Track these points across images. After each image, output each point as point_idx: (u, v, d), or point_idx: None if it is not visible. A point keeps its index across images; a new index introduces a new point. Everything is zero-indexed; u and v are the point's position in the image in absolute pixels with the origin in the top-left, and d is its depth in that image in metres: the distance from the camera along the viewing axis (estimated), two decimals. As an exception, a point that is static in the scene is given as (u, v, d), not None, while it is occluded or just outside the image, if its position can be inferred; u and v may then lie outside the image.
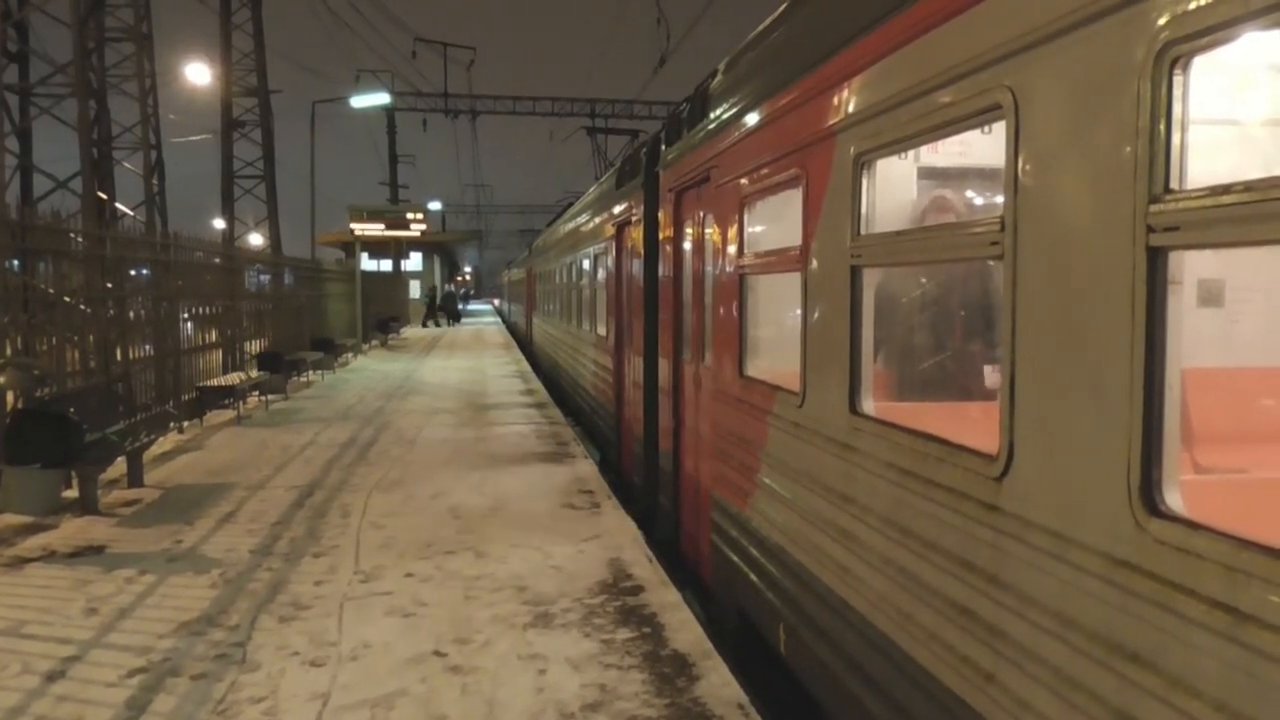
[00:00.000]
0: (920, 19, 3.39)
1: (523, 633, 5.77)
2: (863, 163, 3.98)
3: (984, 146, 3.81)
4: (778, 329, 5.75)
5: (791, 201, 4.82)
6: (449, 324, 51.92)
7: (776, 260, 5.32)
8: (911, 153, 4.57)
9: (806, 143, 4.59)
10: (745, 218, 5.84)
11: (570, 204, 21.07)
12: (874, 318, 4.12)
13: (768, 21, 5.70)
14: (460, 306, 63.46)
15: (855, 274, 4.06)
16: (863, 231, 4.02)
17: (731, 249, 6.05)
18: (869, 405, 4.05)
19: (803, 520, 4.67)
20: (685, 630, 5.79)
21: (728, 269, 6.16)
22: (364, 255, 37.22)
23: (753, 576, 5.54)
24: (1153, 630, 2.26)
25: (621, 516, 8.70)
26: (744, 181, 5.75)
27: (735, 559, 5.92)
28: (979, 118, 3.11)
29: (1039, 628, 2.70)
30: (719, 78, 6.65)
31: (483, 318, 69.74)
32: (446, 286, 60.40)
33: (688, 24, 20.13)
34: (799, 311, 4.73)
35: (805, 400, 4.66)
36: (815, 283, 4.53)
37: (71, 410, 9.08)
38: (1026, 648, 2.76)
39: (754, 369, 5.86)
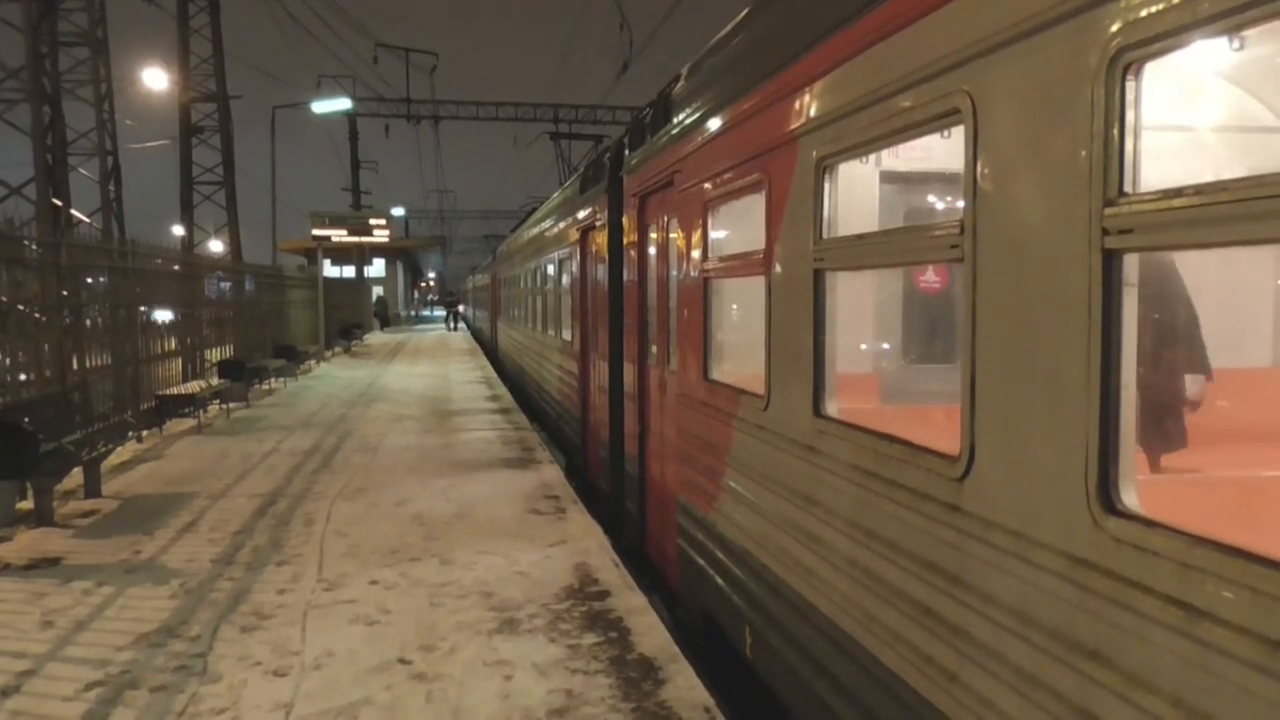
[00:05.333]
0: (880, 24, 3.42)
1: (488, 639, 5.73)
2: (825, 167, 4.01)
3: (945, 151, 3.85)
4: (742, 333, 5.77)
5: (755, 206, 4.84)
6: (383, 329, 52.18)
7: (740, 264, 5.33)
8: (873, 157, 4.61)
9: (769, 147, 4.61)
10: (709, 222, 5.86)
11: (534, 209, 21.01)
12: (837, 321, 4.14)
13: (730, 27, 5.73)
14: (390, 313, 63.18)
15: (818, 278, 4.08)
16: (825, 235, 4.05)
17: (695, 253, 6.06)
18: (832, 408, 4.07)
19: (768, 523, 4.69)
20: (652, 634, 5.79)
21: (692, 273, 6.17)
22: (326, 262, 36.79)
23: (719, 580, 5.55)
24: (1111, 627, 2.30)
25: (588, 521, 8.68)
26: (707, 186, 5.76)
27: (701, 562, 5.93)
28: (938, 122, 3.14)
29: (1001, 627, 2.73)
30: (682, 83, 6.67)
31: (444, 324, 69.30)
32: (377, 291, 59.90)
33: (651, 30, 20.18)
34: (763, 315, 4.75)
35: (770, 403, 4.68)
36: (779, 286, 4.55)
37: (26, 420, 8.89)
38: (989, 647, 2.79)
39: (718, 373, 5.88)
